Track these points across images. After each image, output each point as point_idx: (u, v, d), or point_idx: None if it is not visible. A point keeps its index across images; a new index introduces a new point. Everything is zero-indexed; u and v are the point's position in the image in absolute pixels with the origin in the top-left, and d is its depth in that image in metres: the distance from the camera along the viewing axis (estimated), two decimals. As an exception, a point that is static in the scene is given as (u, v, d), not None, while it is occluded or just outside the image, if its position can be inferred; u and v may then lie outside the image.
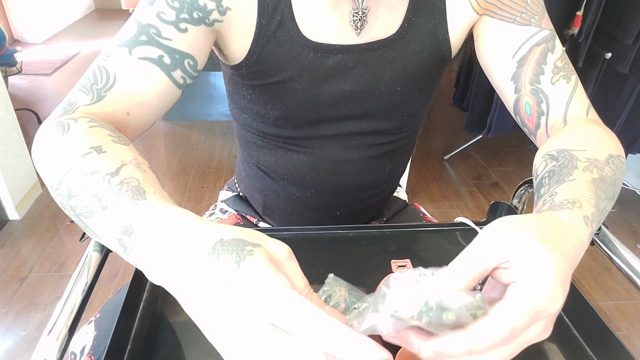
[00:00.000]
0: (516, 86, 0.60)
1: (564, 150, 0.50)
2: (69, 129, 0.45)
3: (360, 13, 0.58)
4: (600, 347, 0.54)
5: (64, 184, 0.41)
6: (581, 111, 0.58)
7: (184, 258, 0.32)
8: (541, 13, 0.60)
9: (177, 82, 0.55)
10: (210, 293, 0.31)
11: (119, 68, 0.52)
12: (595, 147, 0.50)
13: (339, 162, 0.71)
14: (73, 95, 0.51)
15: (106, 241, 0.38)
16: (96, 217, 0.38)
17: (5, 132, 1.90)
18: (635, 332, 1.60)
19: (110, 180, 0.39)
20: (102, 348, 0.60)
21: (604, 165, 0.47)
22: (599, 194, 0.43)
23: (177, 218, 0.35)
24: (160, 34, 0.52)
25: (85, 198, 0.39)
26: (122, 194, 0.37)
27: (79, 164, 0.41)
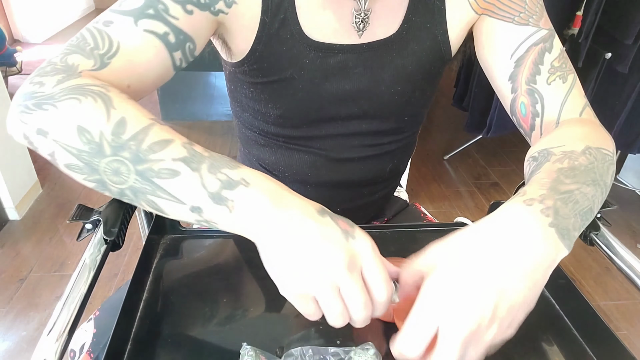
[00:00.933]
0: (513, 86, 0.60)
1: (544, 149, 0.51)
2: (111, 100, 0.43)
3: (362, 14, 0.59)
4: (600, 347, 0.54)
5: (128, 151, 0.40)
6: (575, 111, 0.58)
7: (298, 209, 0.40)
8: (540, 12, 0.60)
9: (175, 63, 0.54)
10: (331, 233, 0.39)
11: (123, 36, 0.49)
12: (573, 141, 0.50)
13: (340, 160, 0.71)
14: (69, 57, 0.47)
15: (187, 198, 0.40)
16: (182, 177, 0.40)
17: (5, 132, 1.89)
18: (635, 332, 1.60)
19: (194, 148, 0.42)
20: (101, 346, 0.60)
21: (579, 156, 0.47)
22: (559, 179, 0.43)
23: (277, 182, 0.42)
24: (168, 11, 0.51)
25: (165, 162, 0.40)
26: (216, 159, 0.41)
27: (148, 134, 0.41)
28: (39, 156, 0.47)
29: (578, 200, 0.42)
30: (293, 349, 0.50)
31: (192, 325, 0.55)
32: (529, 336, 0.57)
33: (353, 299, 0.38)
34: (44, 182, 2.19)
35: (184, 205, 0.41)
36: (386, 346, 0.53)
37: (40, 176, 2.17)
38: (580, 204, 0.42)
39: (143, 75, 0.52)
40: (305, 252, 0.38)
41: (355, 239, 0.40)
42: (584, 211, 0.43)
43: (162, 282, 0.61)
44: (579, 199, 0.43)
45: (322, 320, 0.41)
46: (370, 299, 0.39)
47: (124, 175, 0.41)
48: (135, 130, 0.41)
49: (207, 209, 0.40)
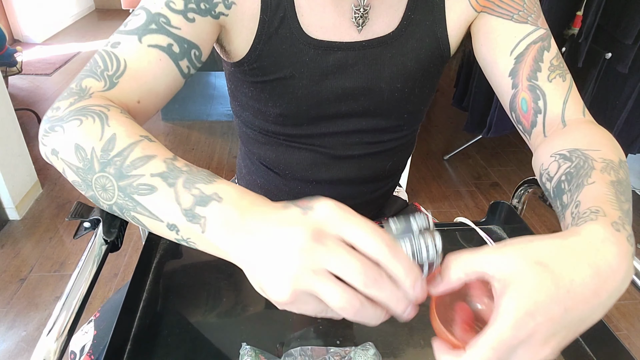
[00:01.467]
0: (514, 82, 0.60)
1: (576, 149, 0.50)
2: (107, 118, 0.45)
3: (362, 10, 0.59)
4: (600, 347, 0.54)
5: (113, 167, 0.42)
6: (578, 111, 0.58)
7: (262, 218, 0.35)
8: (537, 12, 0.61)
9: (182, 71, 0.55)
10: (289, 214, 0.34)
11: (129, 55, 0.52)
12: (607, 149, 0.49)
13: (340, 157, 0.72)
14: (84, 82, 0.51)
15: (163, 215, 0.40)
16: (158, 193, 0.39)
17: (5, 132, 1.90)
18: (635, 332, 1.61)
19: (174, 163, 0.41)
20: (101, 347, 0.60)
21: (619, 169, 0.46)
22: (619, 197, 0.42)
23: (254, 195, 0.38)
24: (170, 23, 0.53)
25: (144, 177, 0.40)
26: (193, 174, 0.40)
27: (133, 150, 0.42)
28: (39, 156, 0.48)
29: (629, 219, 0.41)
30: (293, 348, 0.50)
31: (191, 325, 0.55)
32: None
33: (344, 268, 0.31)
34: (44, 182, 2.19)
35: (162, 223, 0.40)
36: (386, 346, 0.53)
37: (40, 176, 2.17)
38: (629, 220, 0.41)
39: (152, 88, 0.53)
40: (271, 250, 0.33)
41: (313, 209, 0.34)
42: (630, 224, 0.41)
43: (162, 282, 0.61)
44: (630, 217, 0.42)
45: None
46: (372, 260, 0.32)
47: (110, 192, 0.42)
48: (122, 146, 0.42)
49: (182, 227, 0.39)
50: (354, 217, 0.33)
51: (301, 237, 0.32)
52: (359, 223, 0.33)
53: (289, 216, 0.34)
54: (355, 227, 0.33)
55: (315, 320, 0.56)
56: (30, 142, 2.48)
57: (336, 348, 0.50)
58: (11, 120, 1.95)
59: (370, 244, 0.32)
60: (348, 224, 0.33)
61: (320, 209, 0.34)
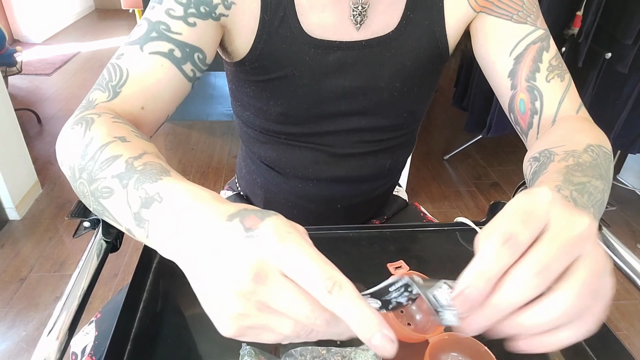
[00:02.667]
0: (513, 83, 0.60)
1: (545, 149, 0.51)
2: (93, 122, 0.46)
3: (360, 8, 0.59)
4: (600, 347, 0.54)
5: (86, 171, 0.42)
6: (572, 110, 0.59)
7: (202, 223, 0.31)
8: (536, 13, 0.61)
9: (187, 75, 0.56)
10: (230, 239, 0.29)
11: (131, 64, 0.53)
12: (573, 139, 0.50)
13: (340, 156, 0.72)
14: (91, 95, 0.53)
15: (121, 217, 0.38)
16: (115, 196, 0.38)
17: (5, 132, 1.90)
18: (635, 332, 1.61)
19: (134, 162, 0.39)
20: (102, 348, 0.60)
21: (582, 154, 0.47)
22: (570, 173, 0.43)
23: (200, 192, 0.34)
24: (170, 29, 0.54)
25: (106, 180, 0.39)
26: (145, 172, 0.38)
27: (103, 151, 0.42)
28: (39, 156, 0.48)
29: (591, 192, 0.42)
30: (293, 349, 0.50)
31: (192, 325, 0.55)
32: (529, 336, 0.57)
33: (288, 309, 0.28)
34: (44, 182, 2.19)
35: (122, 227, 0.39)
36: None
37: (40, 176, 2.17)
38: (594, 196, 0.42)
39: (157, 94, 0.54)
40: (210, 286, 0.29)
41: (256, 235, 0.29)
42: (599, 203, 0.42)
43: (162, 282, 0.61)
44: (592, 191, 0.42)
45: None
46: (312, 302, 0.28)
47: (87, 198, 0.42)
48: (94, 150, 0.42)
49: (134, 231, 0.37)
50: (298, 249, 0.28)
51: (241, 279, 0.28)
52: (301, 259, 0.28)
53: (230, 244, 0.29)
54: (296, 265, 0.28)
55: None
56: (30, 142, 2.48)
57: (336, 348, 0.50)
58: (11, 120, 1.95)
59: (311, 285, 0.28)
60: (290, 259, 0.28)
61: (264, 235, 0.29)
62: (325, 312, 0.28)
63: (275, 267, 0.28)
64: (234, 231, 0.30)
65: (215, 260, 0.29)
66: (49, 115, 2.88)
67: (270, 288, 0.28)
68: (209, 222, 0.31)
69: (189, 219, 0.32)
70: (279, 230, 0.29)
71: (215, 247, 0.30)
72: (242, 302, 0.28)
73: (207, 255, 0.30)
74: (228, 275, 0.28)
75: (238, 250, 0.29)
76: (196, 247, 0.31)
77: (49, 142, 2.55)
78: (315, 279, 0.27)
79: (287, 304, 0.28)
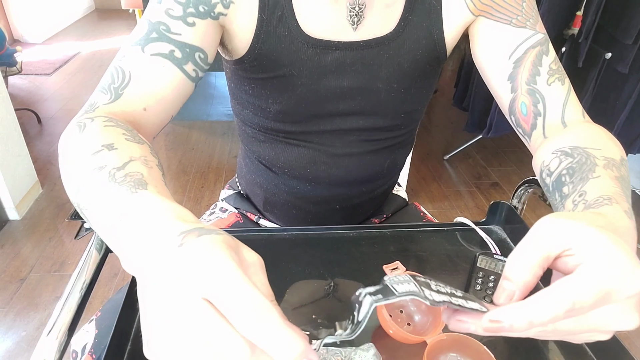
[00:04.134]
0: (512, 86, 0.61)
1: (578, 147, 0.50)
2: (85, 127, 0.46)
3: (357, 8, 0.59)
4: (600, 347, 0.54)
5: (74, 181, 0.42)
6: (577, 113, 0.59)
7: (151, 244, 0.31)
8: (535, 17, 0.61)
9: (189, 75, 0.56)
10: (159, 258, 0.29)
11: (133, 66, 0.53)
12: (607, 147, 0.50)
13: (338, 155, 0.72)
14: (94, 97, 0.53)
15: (101, 229, 0.38)
16: (96, 208, 0.38)
17: (5, 132, 1.90)
18: (635, 332, 1.60)
19: (115, 174, 0.39)
20: (102, 346, 0.60)
21: (620, 167, 0.47)
22: (625, 192, 0.43)
23: (165, 210, 0.33)
24: (170, 30, 0.54)
25: (89, 191, 0.39)
26: (123, 185, 0.37)
27: (89, 161, 0.42)
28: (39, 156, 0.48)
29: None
30: None
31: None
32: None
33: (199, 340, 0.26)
34: (44, 182, 2.19)
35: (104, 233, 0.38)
36: (387, 346, 0.53)
37: (40, 176, 2.18)
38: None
39: (159, 95, 0.54)
40: (146, 291, 0.29)
41: (184, 253, 0.28)
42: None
43: (162, 282, 0.61)
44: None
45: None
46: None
47: (75, 205, 0.42)
48: (82, 158, 0.42)
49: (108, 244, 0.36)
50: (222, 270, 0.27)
51: (163, 302, 0.27)
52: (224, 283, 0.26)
53: (162, 264, 0.28)
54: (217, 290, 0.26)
55: (315, 320, 0.56)
56: (30, 142, 2.48)
57: (336, 348, 0.50)
58: (11, 120, 1.95)
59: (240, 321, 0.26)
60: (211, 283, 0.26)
61: (193, 253, 0.28)
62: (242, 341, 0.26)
63: (197, 291, 0.26)
64: (171, 249, 0.29)
65: (151, 279, 0.28)
66: (49, 115, 2.88)
67: (189, 315, 0.26)
68: (158, 240, 0.30)
69: (144, 236, 0.31)
70: (207, 248, 0.28)
71: (153, 266, 0.29)
72: (164, 327, 0.26)
73: (148, 272, 0.29)
74: (155, 296, 0.28)
75: (167, 273, 0.28)
76: (146, 264, 0.30)
77: (49, 142, 2.55)
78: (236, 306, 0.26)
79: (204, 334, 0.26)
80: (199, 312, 0.26)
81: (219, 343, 0.26)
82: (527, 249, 0.32)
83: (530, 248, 0.32)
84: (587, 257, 0.30)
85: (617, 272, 0.29)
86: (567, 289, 0.29)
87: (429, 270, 0.64)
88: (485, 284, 0.63)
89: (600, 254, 0.30)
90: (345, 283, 0.62)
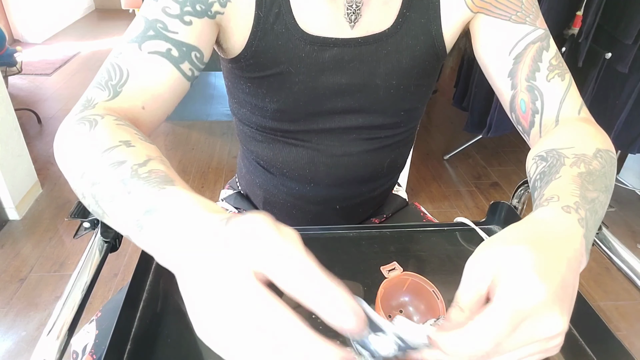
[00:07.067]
0: (512, 83, 0.61)
1: (553, 149, 0.51)
2: (97, 124, 0.46)
3: (354, 6, 0.59)
4: (600, 347, 0.54)
5: (89, 173, 0.42)
6: (573, 110, 0.59)
7: (191, 234, 0.32)
8: (535, 13, 0.61)
9: (186, 74, 0.56)
10: (202, 242, 0.30)
11: (131, 63, 0.53)
12: (582, 143, 0.50)
13: (337, 155, 0.72)
14: (90, 93, 0.53)
15: (122, 222, 0.39)
16: (118, 201, 0.39)
17: (5, 132, 1.90)
18: (635, 332, 1.61)
19: (138, 170, 0.40)
20: (103, 347, 0.60)
21: (592, 160, 0.48)
22: (585, 186, 0.43)
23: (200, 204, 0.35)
24: (167, 28, 0.54)
25: (109, 184, 0.40)
26: (150, 180, 0.38)
27: (107, 155, 0.42)
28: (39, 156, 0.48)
29: (597, 210, 0.42)
30: None
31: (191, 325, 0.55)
32: (528, 336, 0.57)
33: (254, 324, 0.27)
34: (44, 182, 2.19)
35: (123, 232, 0.39)
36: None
37: (40, 176, 2.17)
38: (598, 214, 0.43)
39: (156, 94, 0.54)
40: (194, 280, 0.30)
41: (232, 244, 0.28)
42: (598, 220, 0.43)
43: (162, 282, 0.61)
44: (598, 208, 0.43)
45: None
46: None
47: (88, 198, 0.43)
48: (99, 152, 0.43)
49: (134, 238, 0.37)
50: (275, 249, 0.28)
51: (220, 286, 0.28)
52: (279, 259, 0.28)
53: (211, 252, 0.30)
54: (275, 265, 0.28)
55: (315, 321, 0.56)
56: (30, 142, 2.48)
57: None
58: (11, 120, 1.95)
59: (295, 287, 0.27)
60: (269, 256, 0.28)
61: (235, 225, 0.29)
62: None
63: (247, 262, 0.28)
64: (216, 229, 0.30)
65: (200, 268, 0.29)
66: (49, 115, 2.88)
67: (240, 290, 0.27)
68: (198, 228, 0.32)
69: (183, 229, 0.33)
70: (255, 220, 0.29)
71: (200, 256, 0.30)
72: (222, 311, 0.27)
73: (193, 263, 0.30)
74: (201, 280, 0.29)
75: (218, 258, 0.29)
76: (185, 256, 0.31)
77: (49, 142, 2.54)
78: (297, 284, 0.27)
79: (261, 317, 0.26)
80: (250, 286, 0.27)
81: (271, 318, 0.26)
82: (462, 288, 0.34)
83: (466, 288, 0.34)
84: (500, 281, 0.32)
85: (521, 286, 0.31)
86: (484, 321, 0.30)
87: (429, 270, 0.64)
88: (485, 284, 0.63)
89: (508, 273, 0.32)
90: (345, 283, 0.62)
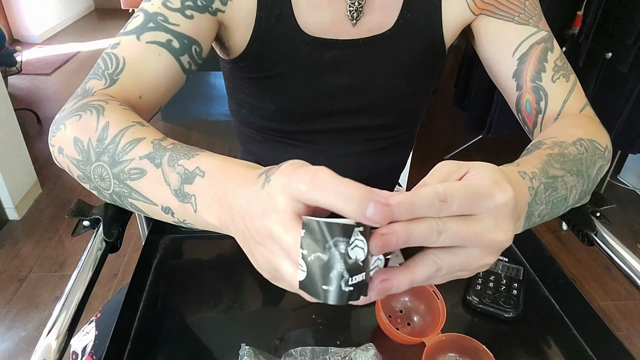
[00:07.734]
0: (518, 83, 0.61)
1: (537, 141, 0.51)
2: (104, 109, 0.46)
3: (356, 4, 0.59)
4: (600, 347, 0.54)
5: (106, 154, 0.42)
6: (576, 109, 0.59)
7: (238, 186, 0.34)
8: (538, 15, 0.61)
9: (184, 67, 0.56)
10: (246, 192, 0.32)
11: (128, 53, 0.52)
12: (565, 132, 0.51)
13: (338, 156, 0.72)
14: (87, 84, 0.52)
15: (156, 198, 0.39)
16: (148, 176, 0.39)
17: (5, 132, 1.90)
18: (635, 332, 1.61)
19: (161, 143, 0.41)
20: (103, 348, 0.60)
21: (569, 145, 0.48)
22: (550, 162, 0.44)
23: (235, 163, 0.37)
24: (168, 20, 0.54)
25: (133, 161, 0.40)
26: (177, 150, 0.39)
27: (124, 135, 0.42)
28: (39, 156, 0.48)
29: (557, 188, 0.43)
30: (293, 349, 0.50)
31: (191, 326, 0.55)
32: (529, 336, 0.57)
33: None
34: (44, 182, 2.19)
35: (157, 207, 0.40)
36: (386, 347, 0.53)
37: (40, 176, 2.17)
38: (557, 193, 0.43)
39: (153, 83, 0.54)
40: (254, 250, 0.32)
41: (270, 181, 0.31)
42: (558, 199, 0.44)
43: (162, 282, 0.61)
44: (559, 187, 0.44)
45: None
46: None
47: (107, 180, 0.43)
48: (114, 133, 0.43)
49: (175, 209, 0.38)
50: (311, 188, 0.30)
51: (252, 212, 0.31)
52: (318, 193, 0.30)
53: (254, 193, 0.32)
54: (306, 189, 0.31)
55: (315, 321, 0.56)
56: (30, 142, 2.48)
57: (336, 348, 0.50)
58: (11, 120, 1.95)
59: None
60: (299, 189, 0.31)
61: (275, 180, 0.32)
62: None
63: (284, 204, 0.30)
64: (264, 194, 0.31)
65: (255, 215, 0.31)
66: (49, 115, 2.88)
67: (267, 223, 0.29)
68: (246, 185, 0.33)
69: (231, 188, 0.34)
70: (293, 165, 0.32)
71: (251, 205, 0.32)
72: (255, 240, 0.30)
73: (248, 214, 0.32)
74: (250, 215, 0.31)
75: (256, 196, 0.31)
76: (239, 211, 0.33)
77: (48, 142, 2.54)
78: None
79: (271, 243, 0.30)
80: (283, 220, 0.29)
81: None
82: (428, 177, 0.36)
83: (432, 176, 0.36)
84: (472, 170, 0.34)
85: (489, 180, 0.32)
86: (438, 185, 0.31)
87: (429, 270, 0.64)
88: (485, 284, 0.63)
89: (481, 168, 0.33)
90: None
